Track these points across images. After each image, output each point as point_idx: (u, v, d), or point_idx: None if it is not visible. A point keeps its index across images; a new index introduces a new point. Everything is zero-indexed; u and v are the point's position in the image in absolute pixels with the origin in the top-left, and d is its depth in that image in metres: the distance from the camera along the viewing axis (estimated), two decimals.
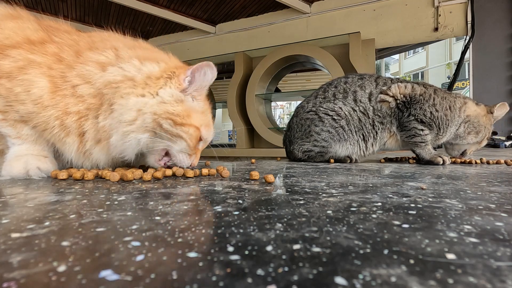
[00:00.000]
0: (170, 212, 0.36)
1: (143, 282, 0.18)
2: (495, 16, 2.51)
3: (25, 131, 0.70)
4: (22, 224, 0.31)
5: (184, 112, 0.68)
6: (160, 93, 0.66)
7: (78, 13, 3.15)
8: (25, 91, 0.64)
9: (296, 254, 0.23)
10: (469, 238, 0.27)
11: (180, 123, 0.67)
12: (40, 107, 0.65)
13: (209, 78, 0.71)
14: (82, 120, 0.67)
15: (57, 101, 0.65)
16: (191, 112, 0.69)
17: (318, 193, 0.49)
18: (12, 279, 0.19)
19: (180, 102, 0.68)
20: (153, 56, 0.72)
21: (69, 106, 0.66)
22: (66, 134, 0.67)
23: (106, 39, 0.74)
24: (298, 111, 1.31)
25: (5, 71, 0.65)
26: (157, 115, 0.65)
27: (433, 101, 1.13)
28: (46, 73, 0.66)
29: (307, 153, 1.24)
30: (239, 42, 3.34)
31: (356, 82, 1.22)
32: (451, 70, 11.93)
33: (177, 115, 0.67)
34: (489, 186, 0.56)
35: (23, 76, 0.64)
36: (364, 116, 1.17)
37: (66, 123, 0.66)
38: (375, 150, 1.22)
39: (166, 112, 0.65)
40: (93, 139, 0.68)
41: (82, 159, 0.71)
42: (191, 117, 0.69)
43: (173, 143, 0.69)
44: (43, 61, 0.66)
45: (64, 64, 0.67)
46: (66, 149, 0.69)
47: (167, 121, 0.66)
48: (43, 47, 0.68)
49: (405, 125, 1.14)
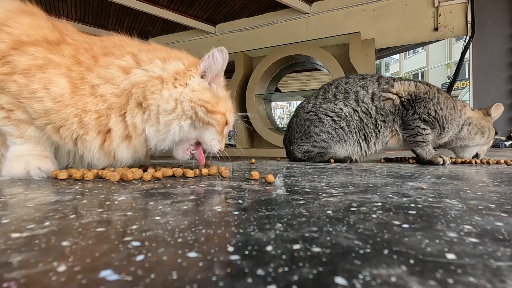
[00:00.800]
0: (170, 212, 0.36)
1: (143, 282, 0.18)
2: (495, 16, 2.51)
3: (29, 132, 0.70)
4: (22, 224, 0.31)
5: (213, 99, 0.73)
6: (189, 83, 0.71)
7: (78, 13, 3.14)
8: (44, 88, 0.65)
9: (296, 254, 0.23)
10: (469, 238, 0.27)
11: (210, 110, 0.72)
12: (61, 105, 0.66)
13: (220, 61, 0.74)
14: (102, 118, 0.69)
15: (77, 100, 0.67)
16: (218, 100, 0.75)
17: (318, 193, 0.49)
18: (12, 279, 0.19)
19: (207, 90, 0.73)
20: (173, 55, 0.77)
21: (88, 105, 0.68)
22: (85, 132, 0.69)
23: (120, 45, 0.76)
24: (298, 111, 1.31)
25: (22, 67, 0.65)
26: (193, 102, 0.70)
27: (438, 100, 1.13)
28: (66, 74, 0.67)
29: (307, 153, 1.24)
30: (239, 42, 3.34)
31: (357, 82, 1.22)
32: (451, 70, 11.93)
33: (208, 102, 0.72)
34: (489, 186, 0.56)
35: (42, 74, 0.66)
36: (366, 116, 1.16)
37: (85, 121, 0.68)
38: (377, 149, 1.22)
39: (199, 99, 0.71)
40: (120, 136, 0.71)
41: (104, 158, 0.73)
42: (218, 105, 0.74)
43: (205, 130, 0.74)
44: (61, 62, 0.68)
45: (83, 67, 0.69)
46: (87, 147, 0.70)
47: (201, 108, 0.71)
48: (60, 48, 0.70)
49: (409, 124, 1.14)
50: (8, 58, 0.66)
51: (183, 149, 0.76)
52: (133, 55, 0.73)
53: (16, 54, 0.66)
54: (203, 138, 0.75)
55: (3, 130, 0.71)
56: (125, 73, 0.70)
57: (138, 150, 0.73)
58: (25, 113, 0.68)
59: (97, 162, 0.73)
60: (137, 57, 0.73)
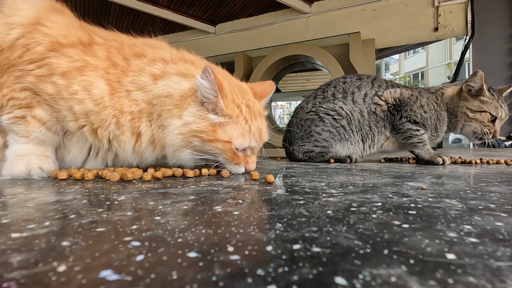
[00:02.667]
0: (170, 212, 0.36)
1: (143, 282, 0.18)
2: (495, 16, 2.51)
3: (35, 133, 0.70)
4: (22, 224, 0.31)
5: (210, 127, 0.67)
6: (184, 114, 0.68)
7: (78, 13, 3.14)
8: (85, 90, 0.66)
9: (296, 254, 0.23)
10: (469, 238, 0.27)
11: (207, 139, 0.67)
12: (102, 107, 0.67)
13: (207, 85, 0.66)
14: (135, 120, 0.70)
15: (115, 102, 0.68)
16: (215, 127, 0.68)
17: (318, 193, 0.49)
18: (12, 279, 0.19)
19: (204, 119, 0.67)
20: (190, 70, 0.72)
21: (124, 106, 0.69)
22: (121, 133, 0.70)
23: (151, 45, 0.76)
24: (297, 112, 1.31)
25: (61, 70, 0.65)
26: (183, 135, 0.67)
27: (420, 103, 1.15)
28: (104, 77, 0.68)
29: (308, 153, 1.24)
30: (239, 42, 3.34)
31: (354, 83, 1.23)
32: (451, 70, 11.93)
33: (202, 132, 0.67)
34: (489, 186, 0.56)
35: (82, 77, 0.66)
36: (362, 117, 1.17)
37: (121, 122, 0.69)
38: (372, 152, 1.22)
39: (190, 131, 0.67)
40: (148, 141, 0.72)
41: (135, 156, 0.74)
42: (216, 132, 0.68)
43: (215, 156, 0.71)
44: (98, 65, 0.68)
45: (119, 70, 0.69)
46: (122, 146, 0.71)
47: (195, 138, 0.67)
48: (92, 49, 0.70)
49: (399, 128, 1.15)
50: (46, 61, 0.65)
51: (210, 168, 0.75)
52: (164, 62, 0.72)
53: (54, 56, 0.65)
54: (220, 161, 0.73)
55: (9, 128, 0.71)
56: (154, 82, 0.70)
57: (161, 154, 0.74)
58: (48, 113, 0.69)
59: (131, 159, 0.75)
60: (166, 66, 0.72)
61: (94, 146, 0.76)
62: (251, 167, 0.74)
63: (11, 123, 0.69)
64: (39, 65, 0.66)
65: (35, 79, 0.66)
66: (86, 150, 0.77)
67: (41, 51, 0.65)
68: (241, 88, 0.77)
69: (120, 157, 0.75)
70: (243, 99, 0.73)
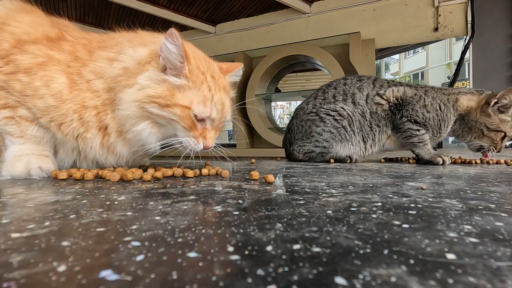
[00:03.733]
0: (170, 212, 0.36)
1: (143, 282, 0.18)
2: (495, 16, 2.51)
3: (30, 131, 0.70)
4: (22, 224, 0.31)
5: (167, 92, 0.64)
6: (138, 79, 0.64)
7: (78, 13, 3.14)
8: (45, 86, 0.66)
9: (296, 254, 0.23)
10: (469, 238, 0.27)
11: (164, 104, 0.64)
12: (59, 101, 0.66)
13: (174, 49, 0.63)
14: (101, 114, 0.69)
15: (75, 95, 0.67)
16: (174, 91, 0.64)
17: (318, 193, 0.49)
18: (12, 279, 0.19)
19: (162, 83, 0.64)
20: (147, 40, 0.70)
21: (86, 100, 0.67)
22: (85, 130, 0.69)
23: (114, 37, 0.76)
24: (297, 113, 1.31)
25: (24, 66, 0.66)
26: (138, 101, 0.63)
27: (424, 102, 1.13)
28: (65, 70, 0.68)
29: (308, 154, 1.24)
30: (239, 42, 3.34)
31: (354, 84, 1.23)
32: (451, 70, 11.93)
33: (159, 97, 0.63)
34: (489, 186, 0.56)
35: (43, 72, 0.66)
36: (363, 118, 1.17)
37: (85, 117, 0.68)
38: (374, 151, 1.22)
39: (146, 96, 0.63)
40: (116, 132, 0.70)
41: (106, 154, 0.72)
42: (175, 96, 0.64)
43: (173, 128, 0.67)
44: (61, 58, 0.68)
45: (80, 62, 0.69)
46: (88, 145, 0.70)
47: (152, 104, 0.63)
48: (59, 44, 0.70)
49: (400, 127, 1.15)
50: (10, 57, 0.67)
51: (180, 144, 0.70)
52: (120, 45, 0.70)
53: (18, 53, 0.67)
54: (178, 136, 0.69)
55: (3, 130, 0.71)
56: (111, 65, 0.68)
57: (133, 146, 0.71)
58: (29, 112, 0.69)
59: (100, 158, 0.73)
60: (121, 47, 0.69)
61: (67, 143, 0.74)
62: (209, 144, 0.70)
63: (3, 124, 0.70)
64: (5, 62, 0.67)
65: (5, 77, 0.67)
66: (71, 151, 0.76)
67: (6, 48, 0.67)
68: (206, 59, 0.75)
69: (89, 157, 0.73)
70: (209, 69, 0.70)
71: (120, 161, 0.75)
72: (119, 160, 0.75)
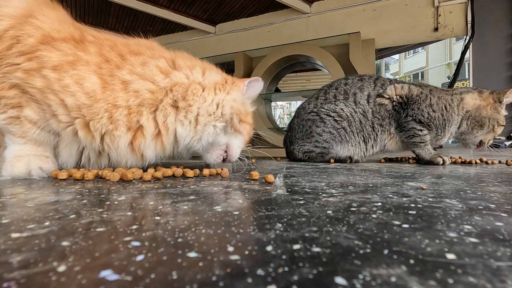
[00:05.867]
0: (170, 212, 0.36)
1: (143, 282, 0.18)
2: (495, 16, 2.51)
3: (31, 133, 0.69)
4: (22, 224, 0.31)
5: (245, 111, 0.82)
6: (232, 93, 0.78)
7: (78, 13, 3.14)
8: (77, 84, 0.65)
9: (296, 254, 0.23)
10: (469, 238, 0.27)
11: (243, 120, 0.80)
12: (94, 100, 0.66)
13: (257, 90, 0.85)
14: (133, 115, 0.69)
15: (107, 96, 0.67)
16: (248, 112, 0.83)
17: (318, 193, 0.49)
18: (12, 279, 0.19)
19: (243, 104, 0.81)
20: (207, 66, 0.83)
21: (118, 100, 0.68)
22: (115, 127, 0.68)
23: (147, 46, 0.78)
24: (299, 112, 1.31)
25: (52, 63, 0.64)
26: (233, 109, 0.77)
27: (430, 101, 1.13)
28: (96, 71, 0.67)
29: (308, 153, 1.24)
30: (239, 42, 3.34)
31: (356, 84, 1.22)
32: (451, 70, 11.93)
33: (241, 113, 0.79)
34: (489, 186, 0.56)
35: (74, 71, 0.65)
36: (364, 118, 1.17)
37: (115, 116, 0.68)
38: (375, 151, 1.22)
39: (237, 108, 0.78)
40: (152, 134, 0.71)
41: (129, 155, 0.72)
42: (249, 116, 0.83)
43: (235, 137, 0.81)
44: (90, 60, 0.68)
45: (112, 65, 0.69)
46: (115, 143, 0.70)
47: (236, 116, 0.78)
48: (84, 45, 0.69)
49: (404, 126, 1.14)
50: (36, 53, 0.64)
51: (216, 154, 0.80)
52: (168, 60, 0.76)
53: (45, 49, 0.64)
54: (231, 145, 0.81)
55: (5, 129, 0.70)
56: (165, 74, 0.72)
57: (166, 149, 0.74)
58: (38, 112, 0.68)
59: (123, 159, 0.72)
60: (174, 62, 0.76)
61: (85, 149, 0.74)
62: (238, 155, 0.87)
63: (7, 123, 0.69)
64: (28, 58, 0.64)
65: (24, 74, 0.65)
66: (75, 154, 0.76)
67: (32, 44, 0.64)
68: None
69: (112, 158, 0.73)
70: None
71: (138, 163, 0.75)
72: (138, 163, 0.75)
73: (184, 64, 0.76)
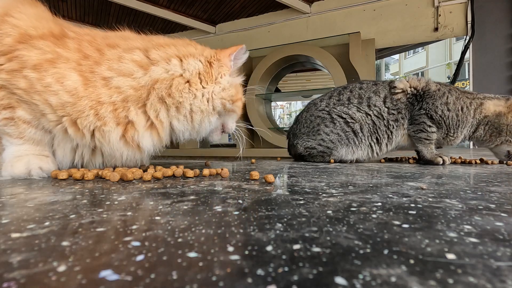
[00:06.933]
0: (170, 212, 0.36)
1: (143, 282, 0.18)
2: (495, 16, 2.50)
3: (27, 133, 0.69)
4: (22, 224, 0.31)
5: (235, 92, 0.80)
6: (220, 81, 0.77)
7: (78, 13, 3.14)
8: (58, 82, 0.65)
9: (296, 254, 0.23)
10: (469, 238, 0.27)
11: (235, 100, 0.80)
12: (76, 97, 0.66)
13: (244, 58, 0.83)
14: (120, 111, 0.69)
15: (90, 92, 0.67)
16: (237, 89, 0.82)
17: (318, 193, 0.49)
18: (12, 279, 0.19)
19: (232, 86, 0.80)
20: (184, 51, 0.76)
21: (102, 96, 0.67)
22: (103, 123, 0.68)
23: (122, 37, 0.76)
24: (309, 107, 1.31)
25: (32, 63, 0.64)
26: (224, 98, 0.77)
27: (446, 100, 1.12)
28: (76, 69, 0.67)
29: (310, 150, 1.24)
30: (239, 42, 3.32)
31: (370, 88, 1.23)
32: (451, 70, 11.93)
33: (233, 95, 0.79)
34: (489, 186, 0.56)
35: (54, 70, 0.65)
36: (379, 119, 1.17)
37: (101, 113, 0.67)
38: (389, 149, 1.22)
39: (228, 95, 0.78)
40: (144, 126, 0.72)
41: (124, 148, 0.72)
42: (238, 93, 0.82)
43: (229, 117, 0.84)
44: (70, 56, 0.67)
45: (91, 60, 0.68)
46: (106, 138, 0.69)
47: (229, 101, 0.78)
48: (64, 42, 0.68)
49: (415, 119, 1.14)
50: (15, 53, 0.63)
51: (216, 134, 0.85)
52: (143, 50, 0.72)
53: (24, 48, 0.64)
54: (227, 123, 0.85)
55: (1, 131, 0.70)
56: (143, 69, 0.70)
57: (164, 139, 0.75)
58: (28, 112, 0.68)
59: (118, 153, 0.72)
60: (148, 54, 0.72)
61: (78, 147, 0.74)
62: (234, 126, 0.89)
63: (3, 125, 0.69)
64: (9, 58, 0.64)
65: (7, 75, 0.64)
66: (69, 152, 0.76)
67: (10, 43, 0.63)
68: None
69: (106, 153, 0.73)
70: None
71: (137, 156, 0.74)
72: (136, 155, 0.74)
73: (159, 56, 0.72)
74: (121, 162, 0.76)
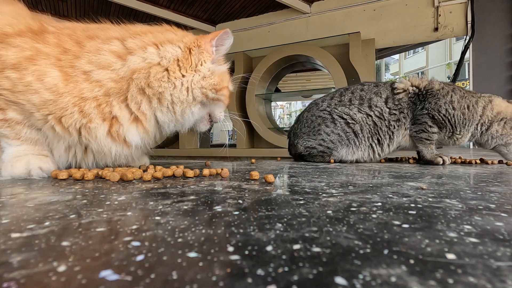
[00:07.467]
0: (170, 212, 0.36)
1: (143, 282, 0.18)
2: (495, 16, 2.51)
3: (23, 133, 0.69)
4: (22, 224, 0.31)
5: (219, 78, 0.75)
6: (200, 69, 0.73)
7: (78, 13, 3.15)
8: (38, 80, 0.64)
9: (296, 254, 0.23)
10: (469, 238, 0.27)
11: (219, 89, 0.76)
12: (57, 94, 0.65)
13: (229, 44, 0.79)
14: (103, 106, 0.68)
15: (71, 88, 0.66)
16: (222, 77, 0.77)
17: (318, 193, 0.49)
18: (12, 279, 0.19)
19: (214, 75, 0.75)
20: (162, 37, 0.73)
21: (84, 91, 0.66)
22: (88, 120, 0.68)
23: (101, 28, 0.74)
24: (311, 107, 1.32)
25: (11, 62, 0.63)
26: (205, 88, 0.73)
27: (451, 98, 1.11)
28: (56, 64, 0.65)
29: (310, 149, 1.24)
30: (239, 42, 3.34)
31: (372, 90, 1.23)
32: (451, 70, 11.92)
33: (216, 84, 0.75)
34: (489, 186, 0.56)
35: (34, 67, 0.64)
36: (380, 119, 1.17)
37: (85, 110, 0.67)
38: (391, 150, 1.21)
39: (209, 84, 0.74)
40: (128, 120, 0.71)
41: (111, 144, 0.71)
42: (223, 81, 0.77)
43: (215, 106, 0.80)
44: (49, 52, 0.66)
45: (70, 54, 0.67)
46: (93, 135, 0.69)
47: (211, 90, 0.74)
48: (44, 37, 0.67)
49: (418, 118, 1.14)
50: None
51: (203, 124, 0.83)
52: (120, 40, 0.71)
53: (2, 48, 0.63)
54: (213, 112, 0.82)
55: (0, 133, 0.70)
56: (122, 59, 0.68)
57: (150, 132, 0.74)
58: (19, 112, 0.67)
59: (106, 148, 0.71)
60: (124, 43, 0.70)
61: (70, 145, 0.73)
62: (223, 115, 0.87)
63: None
64: None
65: None
66: (63, 152, 0.75)
67: None
68: None
69: (94, 149, 0.72)
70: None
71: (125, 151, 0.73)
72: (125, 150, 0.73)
73: (135, 45, 0.70)
74: (111, 159, 0.74)
